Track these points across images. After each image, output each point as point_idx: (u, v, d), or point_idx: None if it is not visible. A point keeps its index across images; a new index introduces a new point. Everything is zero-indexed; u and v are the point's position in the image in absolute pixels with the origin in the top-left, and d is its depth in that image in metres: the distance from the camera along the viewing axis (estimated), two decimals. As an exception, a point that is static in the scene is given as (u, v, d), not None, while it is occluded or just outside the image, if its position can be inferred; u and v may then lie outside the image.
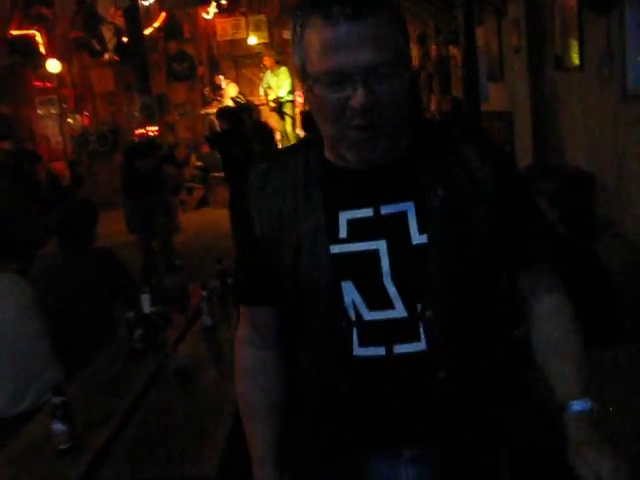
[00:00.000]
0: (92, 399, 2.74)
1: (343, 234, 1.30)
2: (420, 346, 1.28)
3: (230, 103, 13.31)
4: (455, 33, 9.94)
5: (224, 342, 3.40)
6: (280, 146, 13.02)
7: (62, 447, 2.31)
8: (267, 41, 14.47)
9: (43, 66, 14.37)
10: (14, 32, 14.08)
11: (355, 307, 1.30)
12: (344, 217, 1.30)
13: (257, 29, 14.51)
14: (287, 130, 12.75)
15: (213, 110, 13.52)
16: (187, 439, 2.36)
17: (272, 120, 13.72)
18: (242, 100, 13.40)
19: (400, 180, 1.30)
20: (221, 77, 13.85)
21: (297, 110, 13.27)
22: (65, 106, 15.09)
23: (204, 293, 3.50)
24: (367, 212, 1.28)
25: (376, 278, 1.28)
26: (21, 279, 3.56)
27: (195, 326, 3.62)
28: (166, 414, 2.56)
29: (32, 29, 14.34)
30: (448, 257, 1.28)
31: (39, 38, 14.31)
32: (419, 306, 1.28)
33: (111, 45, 13.90)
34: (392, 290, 1.28)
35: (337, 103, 1.19)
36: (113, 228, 11.37)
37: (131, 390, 2.77)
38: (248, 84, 14.40)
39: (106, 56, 14.16)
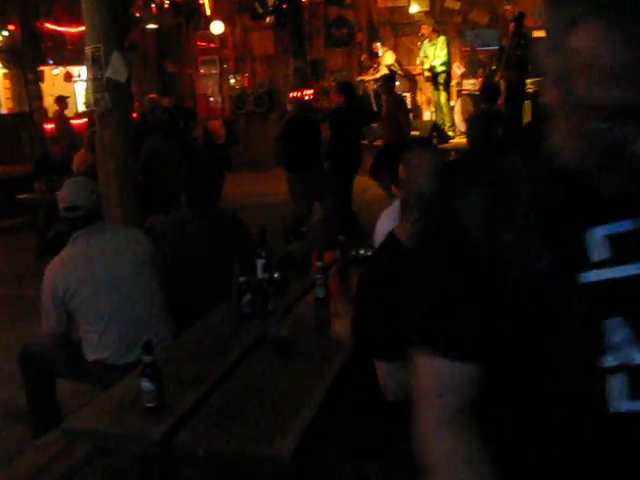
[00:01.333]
0: (189, 361, 2.75)
1: (600, 256, 1.01)
2: None
3: (385, 71, 13.16)
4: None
5: (333, 317, 3.32)
6: (432, 118, 12.76)
7: (149, 405, 2.32)
8: (428, 9, 14.11)
9: (207, 27, 14.79)
10: (183, -6, 14.57)
11: (621, 348, 1.01)
12: (598, 234, 1.01)
13: (418, -4, 14.16)
14: (441, 102, 12.42)
15: (369, 77, 13.42)
16: (272, 414, 2.29)
17: (427, 91, 13.45)
18: (397, 69, 13.18)
19: None
20: (378, 44, 13.66)
21: (454, 82, 12.91)
22: (225, 67, 15.49)
23: (319, 264, 3.42)
24: (626, 225, 1.01)
25: None
26: (141, 234, 3.64)
27: (309, 296, 3.56)
28: (257, 386, 2.51)
29: (200, -9, 14.77)
30: None
31: (205, 0, 14.71)
32: None
33: (272, 8, 14.07)
34: None
35: (612, 142, 0.93)
36: (260, 188, 11.65)
37: (228, 356, 2.74)
38: (406, 53, 14.14)
39: (267, 19, 14.35)
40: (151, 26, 13.16)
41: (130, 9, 11.71)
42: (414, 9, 14.15)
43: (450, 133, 12.07)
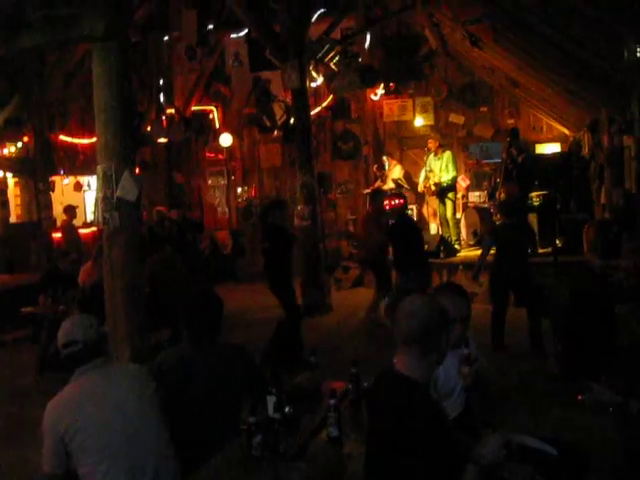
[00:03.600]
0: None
1: None
2: None
3: (392, 184, 13.30)
4: (630, 122, 9.36)
5: (349, 458, 3.15)
6: (440, 231, 12.78)
7: None
8: (433, 123, 14.44)
9: (216, 139, 15.11)
10: (194, 107, 14.99)
11: None
12: None
13: (423, 111, 14.52)
14: (447, 215, 12.45)
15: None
16: None
17: (433, 203, 13.55)
18: (403, 183, 13.31)
19: None
20: (384, 158, 13.87)
21: (459, 195, 13.01)
22: (233, 178, 15.71)
23: (332, 402, 3.27)
24: None
25: None
26: (145, 370, 3.50)
27: (322, 434, 3.39)
28: None
29: (210, 105, 15.21)
30: None
31: (215, 114, 15.10)
32: None
33: (280, 123, 14.43)
34: None
35: None
36: (268, 301, 11.48)
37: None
38: (412, 165, 14.35)
39: (275, 133, 14.69)
40: (161, 140, 13.41)
41: (142, 126, 11.98)
42: (419, 122, 14.48)
43: (456, 246, 12.05)
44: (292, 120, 12.33)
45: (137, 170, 8.07)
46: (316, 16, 11.70)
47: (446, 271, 11.04)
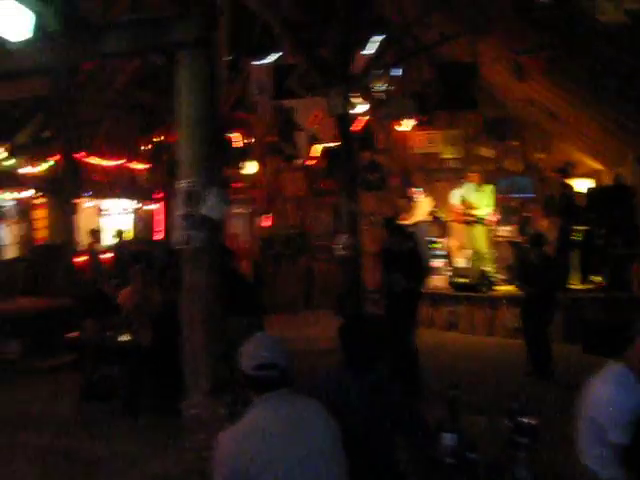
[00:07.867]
0: None
1: None
2: None
3: (421, 217, 13.02)
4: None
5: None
6: (468, 265, 12.44)
7: None
8: (461, 156, 14.20)
9: (239, 167, 14.82)
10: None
11: None
12: None
13: (452, 144, 14.29)
14: (482, 249, 12.13)
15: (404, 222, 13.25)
16: None
17: (459, 236, 13.27)
18: (438, 214, 13.03)
19: None
20: (414, 189, 13.57)
21: (490, 229, 12.70)
22: (256, 206, 15.38)
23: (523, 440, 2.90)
24: None
25: None
26: (325, 407, 3.00)
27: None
28: None
29: (233, 132, 14.95)
30: None
31: (239, 141, 14.85)
32: None
33: (304, 151, 14.17)
34: None
35: None
36: (291, 333, 11.08)
37: None
38: (439, 198, 14.07)
39: (299, 161, 14.44)
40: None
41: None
42: (447, 155, 14.25)
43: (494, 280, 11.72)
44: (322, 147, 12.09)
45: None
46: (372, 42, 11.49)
47: (488, 305, 10.73)
